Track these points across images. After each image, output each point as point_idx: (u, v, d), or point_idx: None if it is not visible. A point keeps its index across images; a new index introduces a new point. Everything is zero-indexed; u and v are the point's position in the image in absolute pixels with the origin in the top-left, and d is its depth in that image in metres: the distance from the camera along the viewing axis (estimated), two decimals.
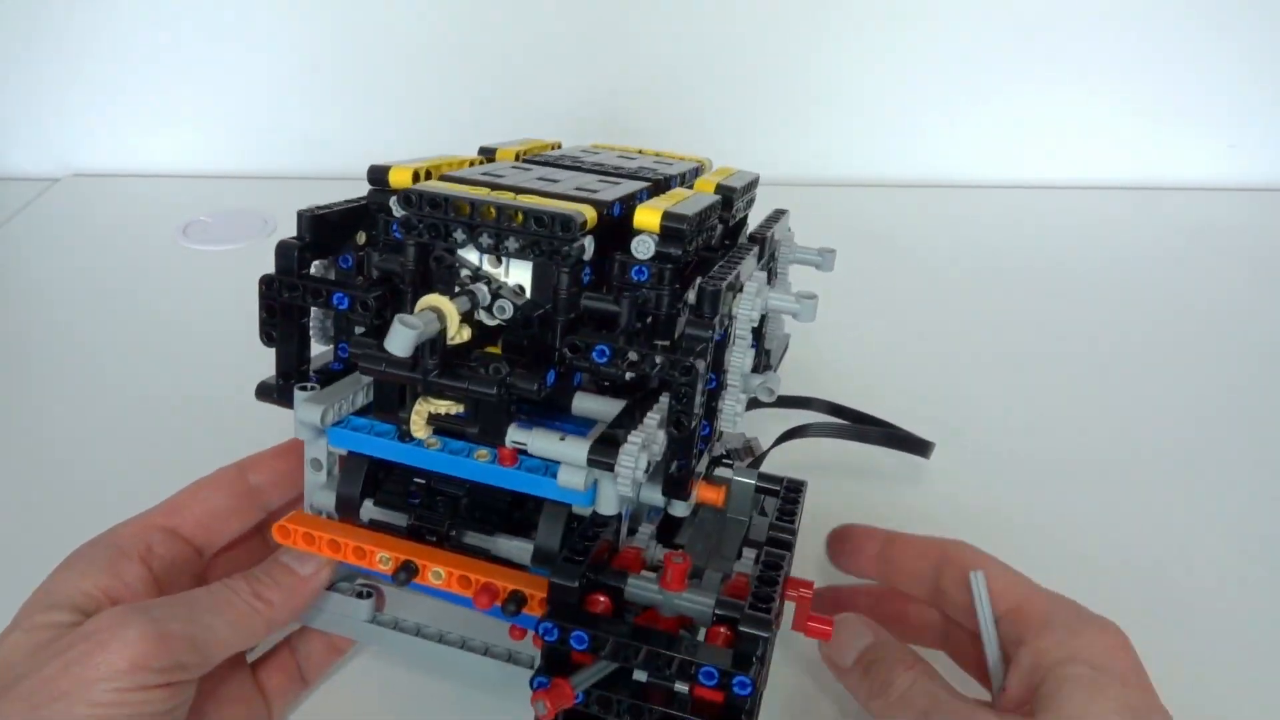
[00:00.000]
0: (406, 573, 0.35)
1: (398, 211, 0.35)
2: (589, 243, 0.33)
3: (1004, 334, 0.76)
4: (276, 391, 0.38)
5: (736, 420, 0.35)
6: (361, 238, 0.38)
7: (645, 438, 0.31)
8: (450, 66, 1.01)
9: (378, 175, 0.36)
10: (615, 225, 0.34)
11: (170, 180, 1.03)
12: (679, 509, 0.35)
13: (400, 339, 0.30)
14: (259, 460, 0.41)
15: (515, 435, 0.32)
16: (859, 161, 1.07)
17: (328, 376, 0.38)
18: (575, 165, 0.42)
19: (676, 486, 0.34)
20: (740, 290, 0.35)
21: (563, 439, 0.32)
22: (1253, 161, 1.08)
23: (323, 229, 0.37)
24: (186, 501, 0.39)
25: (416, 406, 0.35)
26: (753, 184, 0.44)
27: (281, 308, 0.37)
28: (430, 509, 0.37)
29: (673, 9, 0.99)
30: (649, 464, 0.31)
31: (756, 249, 0.41)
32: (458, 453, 0.35)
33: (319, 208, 0.37)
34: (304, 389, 0.37)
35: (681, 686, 0.32)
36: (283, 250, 0.36)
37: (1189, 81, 1.05)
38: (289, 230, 0.37)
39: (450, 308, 0.32)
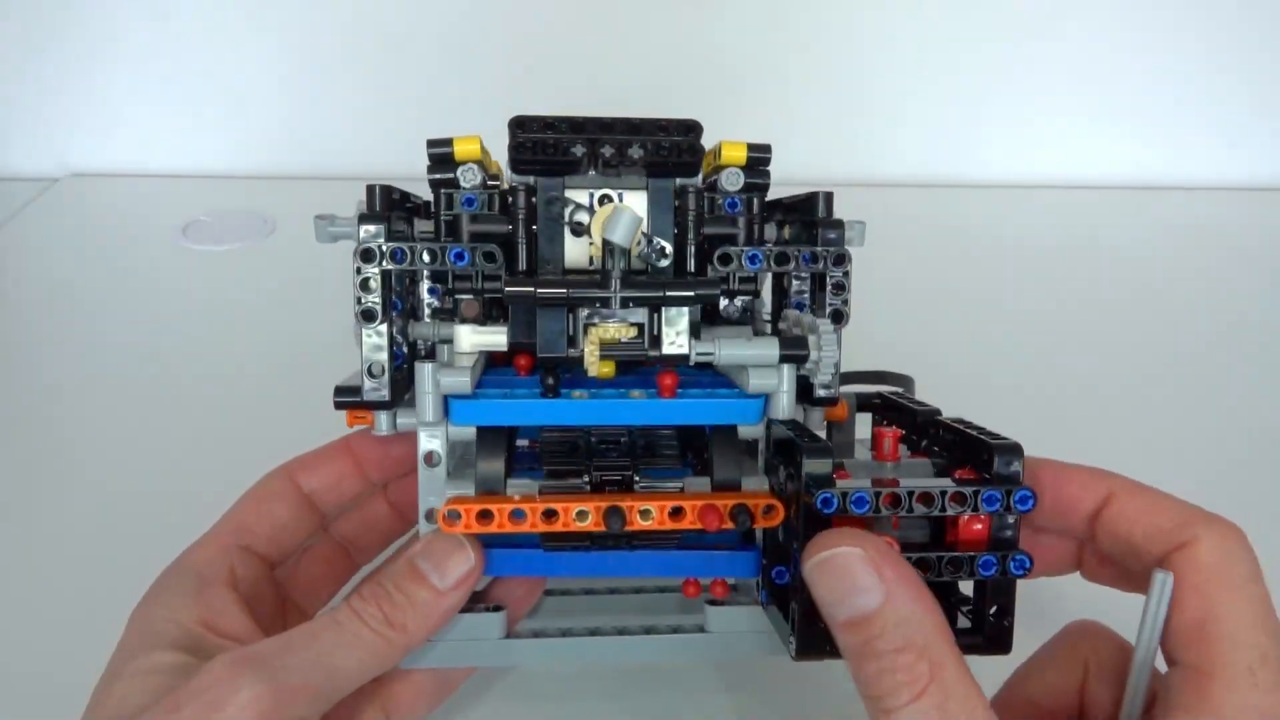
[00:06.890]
0: (617, 517, 0.30)
1: (469, 181, 0.34)
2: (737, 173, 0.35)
3: (1001, 334, 0.76)
4: (365, 392, 0.33)
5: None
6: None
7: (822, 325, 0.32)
8: (455, 65, 1.01)
9: (440, 150, 0.33)
10: None
11: (170, 180, 1.03)
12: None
13: (624, 225, 0.28)
14: (308, 465, 0.38)
15: (701, 347, 0.32)
16: (854, 162, 1.07)
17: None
18: None
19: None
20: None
21: (749, 340, 0.32)
22: (1253, 161, 1.08)
23: (388, 203, 0.34)
24: (252, 516, 0.37)
25: (589, 337, 0.32)
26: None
27: (384, 278, 0.32)
28: (604, 455, 0.34)
29: (671, 13, 0.99)
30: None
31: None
32: (611, 398, 0.32)
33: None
34: (428, 360, 0.32)
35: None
36: (367, 212, 0.33)
37: (1189, 81, 1.04)
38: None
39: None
